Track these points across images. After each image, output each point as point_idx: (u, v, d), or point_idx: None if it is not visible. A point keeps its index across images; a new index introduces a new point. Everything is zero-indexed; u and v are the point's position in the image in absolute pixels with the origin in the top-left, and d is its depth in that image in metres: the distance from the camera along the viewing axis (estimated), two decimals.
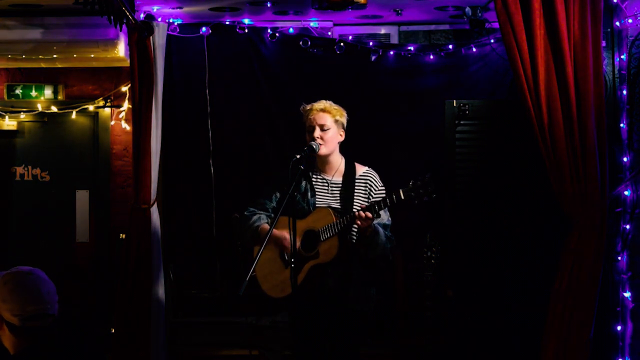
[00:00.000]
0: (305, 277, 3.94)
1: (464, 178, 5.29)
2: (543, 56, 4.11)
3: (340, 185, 4.08)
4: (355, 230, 3.98)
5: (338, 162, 4.12)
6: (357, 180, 4.07)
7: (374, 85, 5.56)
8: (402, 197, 3.77)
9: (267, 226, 4.08)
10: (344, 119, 4.08)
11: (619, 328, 4.65)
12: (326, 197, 4.08)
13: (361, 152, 4.35)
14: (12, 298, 2.73)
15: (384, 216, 4.02)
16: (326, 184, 4.10)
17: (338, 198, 4.06)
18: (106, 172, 6.08)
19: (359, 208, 3.88)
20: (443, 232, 5.17)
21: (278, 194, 4.14)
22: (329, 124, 4.02)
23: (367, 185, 4.08)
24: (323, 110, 4.03)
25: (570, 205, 4.15)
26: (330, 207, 4.02)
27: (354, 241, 4.00)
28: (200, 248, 5.72)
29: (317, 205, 4.05)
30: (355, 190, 4.06)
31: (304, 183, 4.09)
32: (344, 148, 4.15)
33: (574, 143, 4.10)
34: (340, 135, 4.09)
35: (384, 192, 4.07)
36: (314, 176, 4.12)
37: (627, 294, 4.64)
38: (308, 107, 4.08)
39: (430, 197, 3.74)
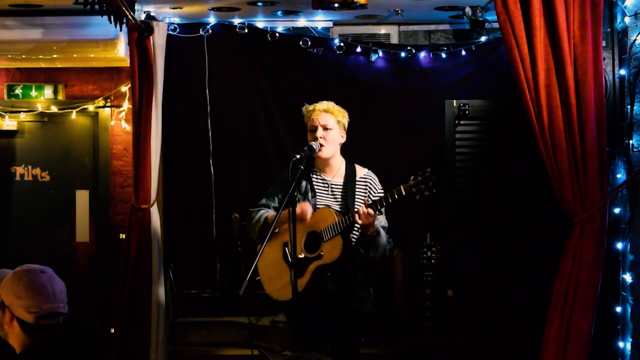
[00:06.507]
0: (310, 279, 3.93)
1: (464, 178, 5.31)
2: (543, 56, 4.11)
3: (340, 186, 4.08)
4: (357, 230, 3.98)
5: (339, 163, 4.12)
6: (357, 182, 4.07)
7: (374, 85, 5.55)
8: (404, 193, 3.78)
9: (275, 214, 4.05)
10: (345, 121, 4.09)
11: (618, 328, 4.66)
12: (327, 198, 4.08)
13: (361, 153, 4.35)
14: (28, 295, 2.68)
15: (382, 219, 4.03)
16: (326, 185, 4.10)
17: (339, 199, 4.06)
18: (106, 172, 6.08)
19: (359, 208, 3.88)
20: (443, 232, 5.17)
21: (280, 195, 4.14)
22: (331, 125, 4.02)
23: (368, 187, 4.08)
24: (326, 110, 4.03)
25: (570, 204, 4.16)
26: (330, 207, 4.02)
27: (354, 242, 3.99)
28: (200, 248, 5.71)
29: (317, 206, 4.05)
30: (356, 192, 4.05)
31: (304, 183, 4.09)
32: (344, 148, 4.15)
33: (574, 143, 4.11)
34: (342, 136, 4.09)
35: (382, 194, 4.06)
36: (314, 177, 4.12)
37: (627, 295, 4.64)
38: (310, 107, 4.08)
39: (431, 192, 3.75)
